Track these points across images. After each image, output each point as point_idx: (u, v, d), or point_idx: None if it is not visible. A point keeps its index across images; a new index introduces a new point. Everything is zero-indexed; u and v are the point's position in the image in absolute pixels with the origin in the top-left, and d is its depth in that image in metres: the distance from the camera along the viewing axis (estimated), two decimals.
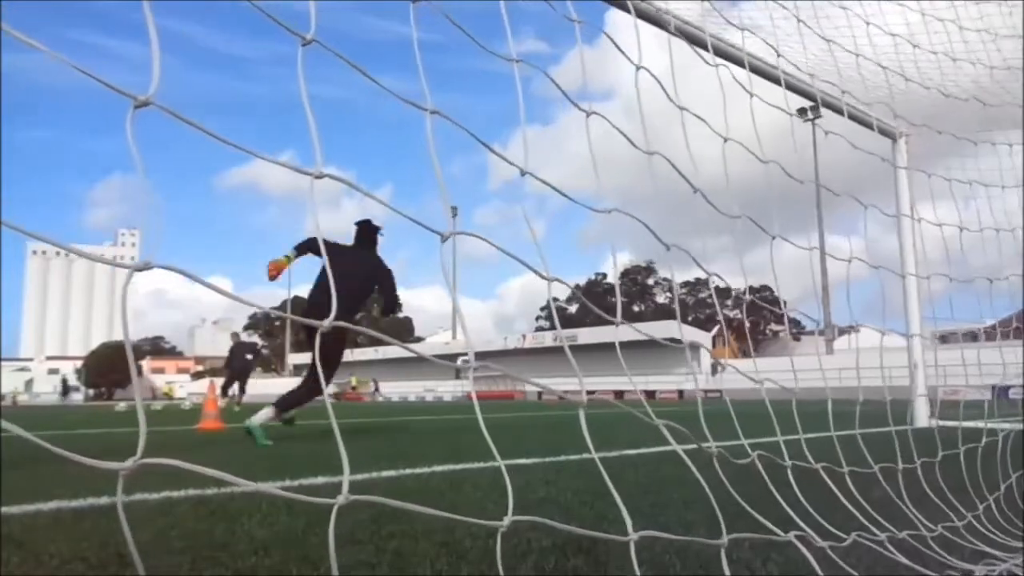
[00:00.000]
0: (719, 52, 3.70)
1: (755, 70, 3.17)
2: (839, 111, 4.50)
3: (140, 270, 0.67)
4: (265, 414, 5.33)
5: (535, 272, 1.08)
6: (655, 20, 3.44)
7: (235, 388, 16.06)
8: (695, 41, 3.65)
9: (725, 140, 1.69)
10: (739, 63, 3.83)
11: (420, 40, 1.04)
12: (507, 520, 0.90)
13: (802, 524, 1.48)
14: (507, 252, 1.06)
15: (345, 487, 0.76)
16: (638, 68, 1.46)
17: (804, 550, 1.30)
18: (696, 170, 1.61)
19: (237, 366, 16.37)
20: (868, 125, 4.67)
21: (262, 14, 0.85)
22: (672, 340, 1.39)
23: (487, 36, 1.17)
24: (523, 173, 1.11)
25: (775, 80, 3.89)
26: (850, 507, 1.70)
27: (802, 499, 1.59)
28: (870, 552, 1.48)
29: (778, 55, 2.46)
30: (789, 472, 1.61)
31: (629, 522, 1.09)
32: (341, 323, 0.81)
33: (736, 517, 1.47)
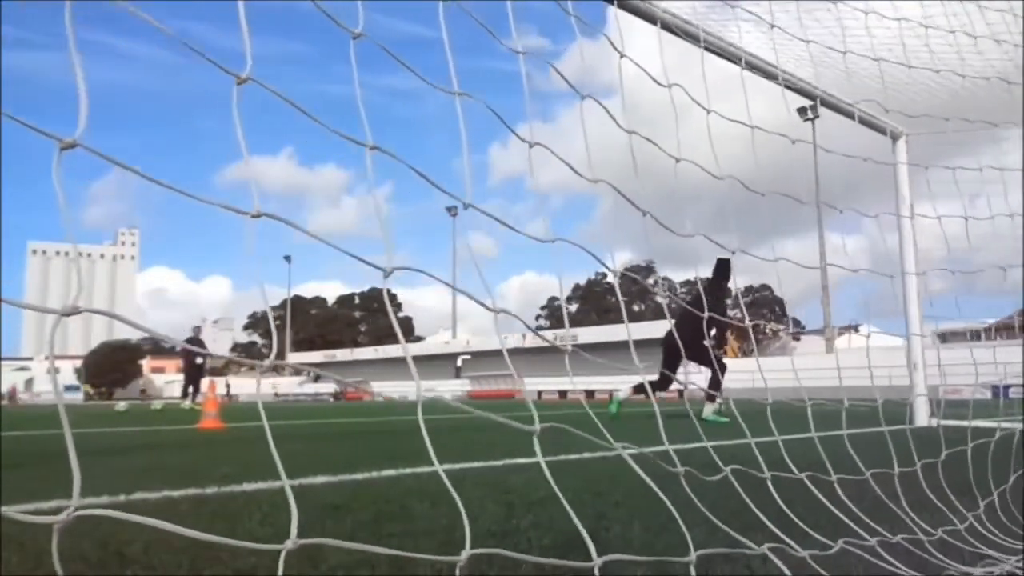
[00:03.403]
0: (717, 51, 3.70)
1: (754, 68, 3.17)
2: (840, 111, 4.49)
3: (68, 315, 0.67)
4: (710, 407, 7.34)
5: (482, 305, 1.09)
6: (651, 18, 3.43)
7: (190, 389, 15.94)
8: (694, 40, 3.64)
9: (706, 161, 1.69)
10: (737, 63, 3.83)
11: (422, 39, 1.04)
12: (465, 554, 0.90)
13: (797, 528, 1.48)
14: (455, 287, 1.06)
15: (293, 532, 0.77)
16: (584, 97, 1.45)
17: (779, 563, 1.30)
18: (691, 165, 1.61)
19: (186, 366, 16.27)
20: (868, 125, 4.67)
21: (271, 13, 0.85)
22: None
23: (488, 35, 1.17)
24: (466, 207, 1.10)
25: (775, 79, 3.89)
26: (848, 508, 1.70)
27: (782, 505, 1.59)
28: (870, 553, 1.48)
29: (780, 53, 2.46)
30: (769, 483, 1.61)
31: (592, 548, 1.10)
32: (281, 362, 0.84)
33: (735, 514, 1.47)
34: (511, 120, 1.19)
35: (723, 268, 8.20)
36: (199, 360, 16.44)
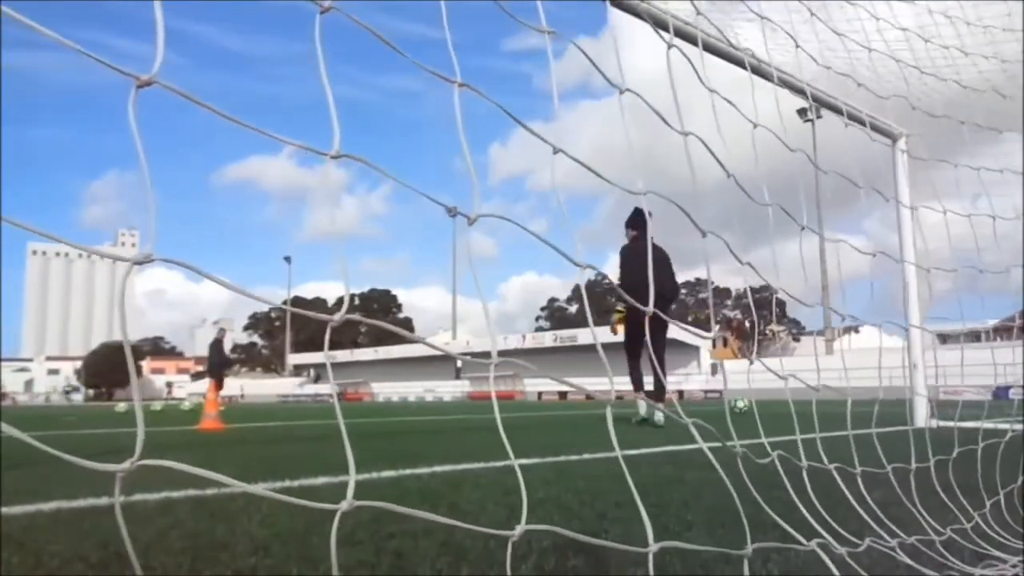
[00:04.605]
0: (717, 52, 3.70)
1: (754, 71, 3.17)
2: (839, 112, 4.49)
3: (140, 263, 0.65)
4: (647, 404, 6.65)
5: (568, 258, 1.07)
6: (654, 19, 3.43)
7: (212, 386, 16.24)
8: (694, 42, 3.64)
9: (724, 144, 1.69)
10: (738, 63, 3.82)
11: (424, 38, 1.04)
12: (519, 529, 0.89)
13: (804, 527, 1.47)
14: (540, 238, 1.05)
15: (350, 493, 0.76)
16: (622, 92, 1.45)
17: (825, 557, 1.30)
18: (699, 163, 1.61)
19: (211, 368, 16.71)
20: (868, 125, 4.65)
21: (273, 13, 0.84)
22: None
23: (491, 33, 1.17)
24: (557, 149, 1.10)
25: (776, 81, 3.89)
26: (854, 510, 1.70)
27: (805, 502, 1.59)
28: (869, 554, 1.47)
29: (796, 46, 2.45)
30: (786, 475, 1.61)
31: (651, 532, 1.09)
32: (352, 316, 0.82)
33: (734, 514, 1.46)
34: (509, 120, 1.19)
35: (636, 221, 7.14)
36: (228, 358, 17.00)
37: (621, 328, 7.24)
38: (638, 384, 6.85)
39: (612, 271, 7.24)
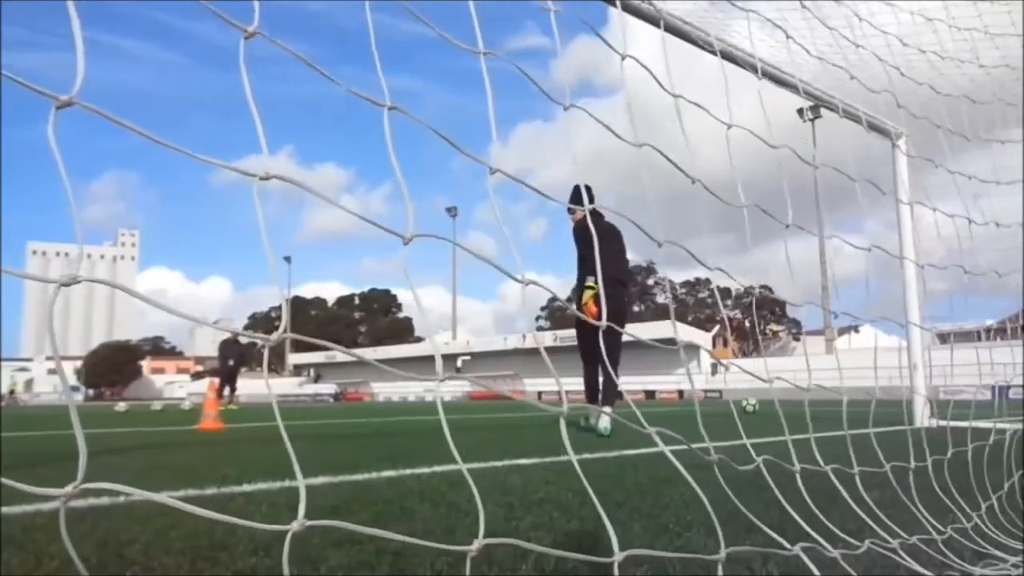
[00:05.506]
0: (718, 52, 3.70)
1: (753, 68, 3.17)
2: (837, 110, 4.49)
3: (67, 284, 0.66)
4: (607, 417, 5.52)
5: (510, 276, 1.08)
6: (653, 19, 3.43)
7: (226, 390, 16.30)
8: (694, 42, 3.64)
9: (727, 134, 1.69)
10: (739, 64, 3.83)
11: (424, 39, 1.04)
12: (476, 544, 0.90)
13: (798, 528, 1.48)
14: (479, 256, 1.05)
15: (301, 512, 0.76)
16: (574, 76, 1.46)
17: (810, 564, 1.30)
18: (692, 164, 1.61)
19: (222, 368, 16.84)
20: (869, 126, 4.66)
21: (273, 13, 0.84)
22: (668, 341, 1.38)
23: (490, 34, 1.17)
24: (492, 171, 1.11)
25: (778, 81, 3.90)
26: (854, 509, 1.70)
27: (799, 502, 1.59)
28: (868, 554, 1.47)
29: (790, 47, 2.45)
30: (780, 477, 1.61)
31: (615, 540, 1.09)
32: (291, 335, 0.83)
33: (733, 515, 1.46)
34: (512, 117, 1.19)
35: (575, 198, 6.37)
36: (231, 362, 17.10)
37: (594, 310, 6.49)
38: (592, 394, 6.15)
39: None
